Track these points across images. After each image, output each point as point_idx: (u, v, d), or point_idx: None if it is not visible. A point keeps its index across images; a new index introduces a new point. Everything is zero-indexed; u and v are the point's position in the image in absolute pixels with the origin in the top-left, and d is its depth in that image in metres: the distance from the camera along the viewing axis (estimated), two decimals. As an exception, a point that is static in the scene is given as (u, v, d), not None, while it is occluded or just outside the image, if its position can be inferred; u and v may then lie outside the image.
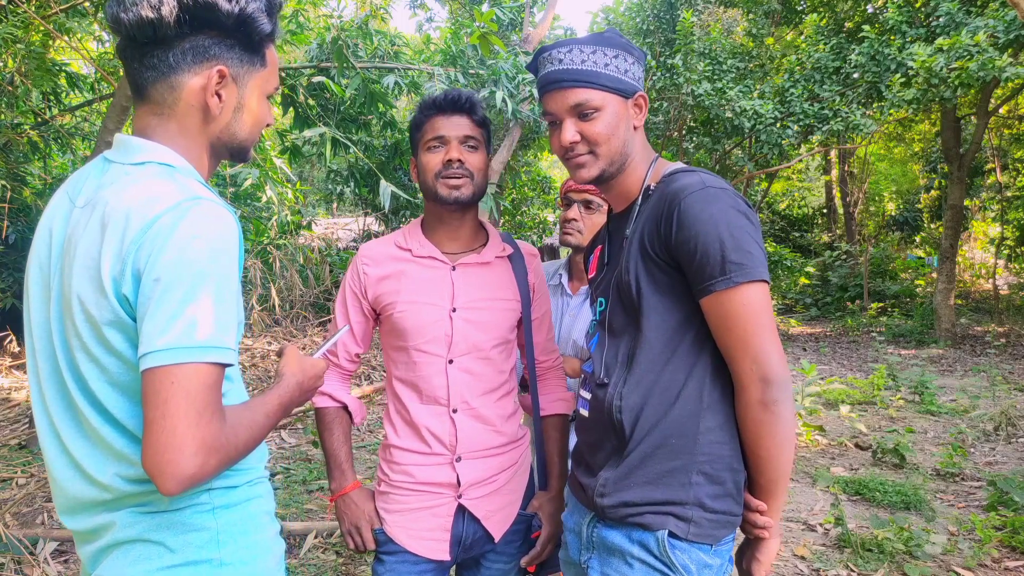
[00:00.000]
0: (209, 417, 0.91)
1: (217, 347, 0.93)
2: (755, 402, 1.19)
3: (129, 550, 1.01)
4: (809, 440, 5.46)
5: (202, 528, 1.02)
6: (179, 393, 0.89)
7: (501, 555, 1.65)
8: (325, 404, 1.67)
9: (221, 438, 0.93)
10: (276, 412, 1.08)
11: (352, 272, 1.66)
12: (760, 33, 11.02)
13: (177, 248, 0.91)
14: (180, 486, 0.90)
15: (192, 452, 0.89)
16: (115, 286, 0.93)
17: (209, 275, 0.93)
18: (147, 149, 1.03)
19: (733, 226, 1.19)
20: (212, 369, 0.92)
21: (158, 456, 0.89)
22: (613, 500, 1.29)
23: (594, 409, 1.36)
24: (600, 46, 1.32)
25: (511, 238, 1.76)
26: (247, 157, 1.18)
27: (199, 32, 1.03)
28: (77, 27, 6.11)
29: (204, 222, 0.94)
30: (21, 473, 4.10)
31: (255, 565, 1.07)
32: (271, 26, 1.08)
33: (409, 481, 1.59)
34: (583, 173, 1.35)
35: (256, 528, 1.09)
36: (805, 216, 19.56)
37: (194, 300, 0.91)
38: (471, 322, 1.59)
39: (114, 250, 0.93)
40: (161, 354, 0.89)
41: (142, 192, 0.96)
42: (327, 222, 13.93)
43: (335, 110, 7.47)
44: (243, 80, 1.09)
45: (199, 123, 1.07)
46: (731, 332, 1.20)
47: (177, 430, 0.89)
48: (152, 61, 1.02)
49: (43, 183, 7.16)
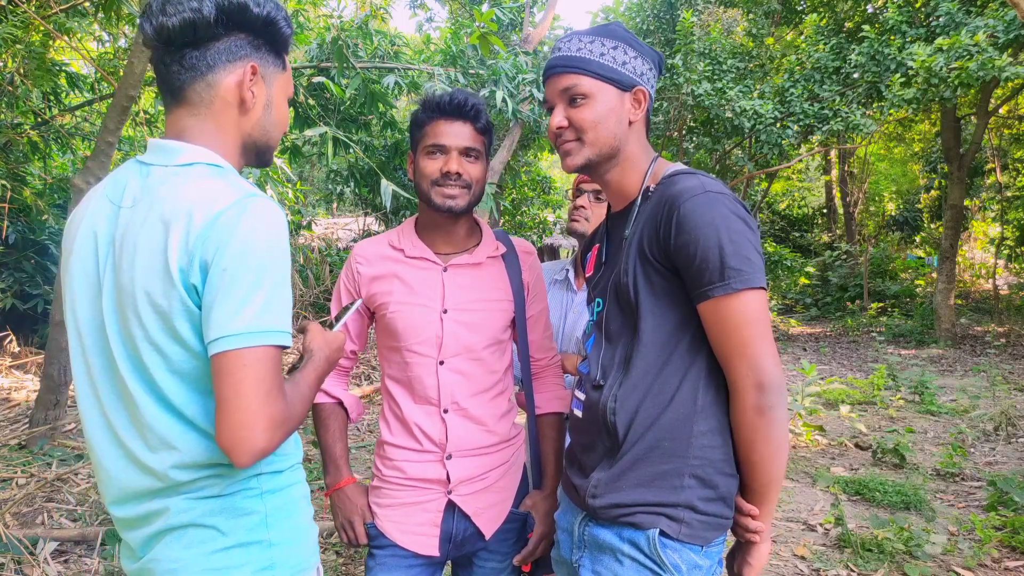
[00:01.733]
0: (277, 395, 1.00)
1: (280, 331, 1.01)
2: (750, 407, 1.19)
3: (182, 535, 1.07)
4: (809, 440, 5.46)
5: (252, 512, 1.10)
6: (251, 374, 0.97)
7: (494, 554, 1.65)
8: (321, 400, 1.68)
9: (285, 413, 1.01)
10: (315, 385, 1.17)
11: (347, 270, 1.67)
12: (760, 33, 11.02)
13: (241, 240, 0.99)
14: (253, 459, 0.98)
15: (263, 428, 0.97)
16: (183, 276, 1.00)
17: (269, 265, 1.01)
18: (191, 151, 1.10)
19: (733, 232, 1.19)
20: (276, 352, 1.01)
21: (233, 432, 0.97)
22: (605, 501, 1.29)
23: (588, 410, 1.36)
24: (600, 36, 1.33)
25: (506, 236, 1.75)
26: (270, 160, 1.25)
27: (232, 33, 1.12)
28: (77, 27, 6.11)
29: (263, 217, 1.02)
30: (21, 473, 4.10)
31: (298, 545, 1.15)
32: (290, 31, 1.18)
33: (400, 476, 1.60)
34: (569, 160, 1.35)
35: (298, 511, 1.17)
36: (805, 216, 19.56)
37: (259, 288, 0.99)
38: (462, 323, 1.59)
39: (181, 243, 1.00)
40: (234, 338, 0.97)
41: (200, 189, 1.04)
42: (327, 222, 13.93)
43: (335, 110, 7.48)
44: (270, 79, 1.18)
45: (235, 119, 1.14)
46: (728, 338, 1.20)
47: (251, 408, 0.97)
48: (191, 62, 1.10)
49: (43, 183, 7.16)
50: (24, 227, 6.95)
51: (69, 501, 3.79)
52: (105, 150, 4.31)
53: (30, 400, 5.48)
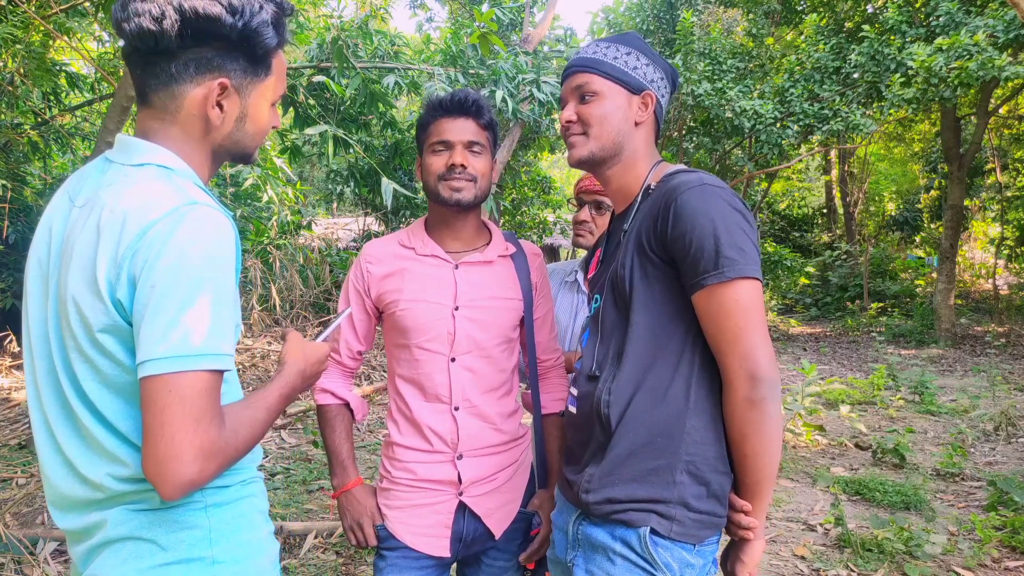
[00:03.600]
0: (207, 424, 0.92)
1: (213, 354, 0.93)
2: (743, 399, 1.19)
3: (120, 548, 1.01)
4: (809, 440, 5.46)
5: (194, 526, 1.02)
6: (176, 401, 0.90)
7: (502, 553, 1.66)
8: (327, 401, 1.68)
9: (219, 442, 0.93)
10: (277, 404, 1.08)
11: (356, 270, 1.67)
12: (760, 33, 11.02)
13: (173, 254, 0.91)
14: (181, 491, 0.91)
15: (191, 459, 0.90)
16: (111, 290, 0.94)
17: (206, 281, 0.93)
18: (147, 151, 1.03)
19: (728, 222, 1.20)
20: (209, 376, 0.93)
21: (158, 464, 0.90)
22: (598, 496, 1.29)
23: (582, 404, 1.37)
24: (615, 43, 1.41)
25: (514, 237, 1.76)
26: (251, 160, 1.19)
27: (202, 44, 1.03)
28: (77, 27, 6.11)
29: (201, 228, 0.94)
30: (21, 473, 4.10)
31: (247, 563, 1.07)
32: (277, 38, 1.09)
33: (411, 478, 1.60)
34: (574, 152, 1.40)
35: (248, 527, 1.09)
36: (805, 216, 19.56)
37: (191, 307, 0.91)
38: (473, 320, 1.59)
39: (110, 254, 0.93)
40: (158, 363, 0.90)
41: (139, 195, 0.96)
42: (327, 222, 13.92)
43: (335, 110, 7.48)
44: (246, 91, 1.09)
45: (200, 131, 1.07)
46: (721, 328, 1.20)
47: (175, 438, 0.89)
48: (154, 69, 1.03)
49: (43, 183, 7.16)
50: (24, 227, 6.95)
51: (69, 501, 3.78)
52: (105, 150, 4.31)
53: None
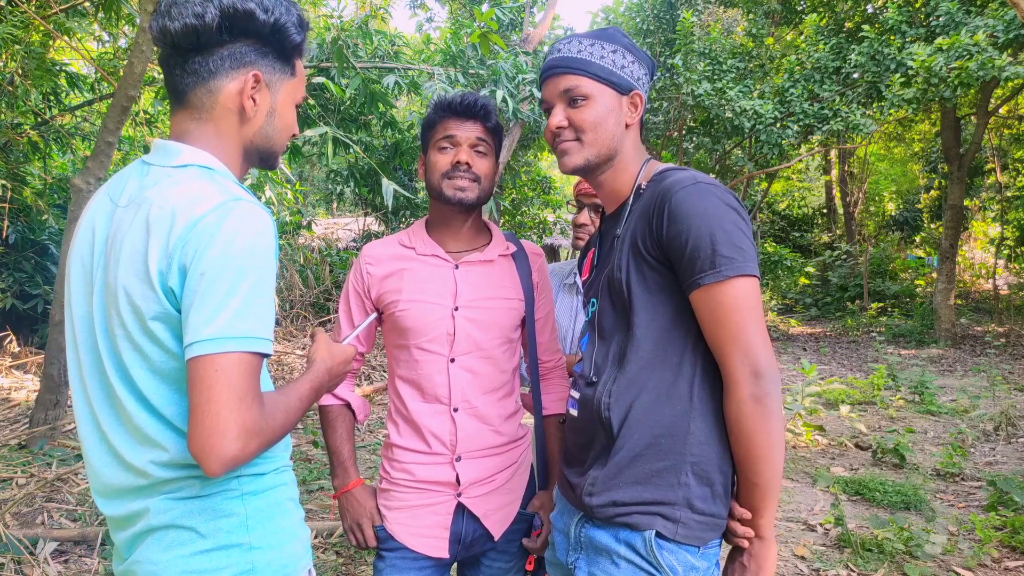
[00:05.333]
0: (250, 403, 0.97)
1: (257, 337, 0.99)
2: (746, 397, 1.17)
3: (163, 536, 1.07)
4: (809, 440, 5.46)
5: (232, 514, 1.08)
6: (223, 380, 0.95)
7: (502, 554, 1.66)
8: (328, 402, 1.68)
9: (261, 422, 0.99)
10: (308, 396, 1.15)
11: (355, 272, 1.67)
12: (760, 33, 11.02)
13: (221, 245, 0.98)
14: (224, 467, 0.96)
15: (234, 436, 0.95)
16: (162, 280, 1.00)
17: (249, 270, 0.99)
18: (187, 152, 1.10)
19: (724, 221, 1.19)
20: (253, 358, 0.99)
21: (203, 439, 0.95)
22: (602, 499, 1.27)
23: (583, 408, 1.35)
24: (599, 40, 1.34)
25: (515, 237, 1.75)
26: (276, 164, 1.24)
27: (237, 39, 1.11)
28: (77, 27, 6.10)
29: (245, 221, 1.01)
30: (21, 473, 4.10)
31: (282, 549, 1.13)
32: (301, 37, 1.17)
33: (409, 479, 1.60)
34: (567, 160, 1.35)
35: (283, 514, 1.15)
36: (805, 216, 19.56)
37: (237, 294, 0.98)
38: (473, 321, 1.59)
39: (161, 246, 1.00)
40: (207, 343, 0.95)
41: (186, 192, 1.03)
42: (327, 222, 13.91)
43: (335, 110, 7.48)
44: (276, 86, 1.17)
45: (235, 126, 1.14)
46: (721, 326, 1.19)
47: (221, 415, 0.95)
48: (194, 67, 1.10)
49: (43, 183, 7.16)
50: (24, 227, 6.95)
51: (69, 501, 3.79)
52: (105, 150, 4.32)
53: (30, 400, 5.48)
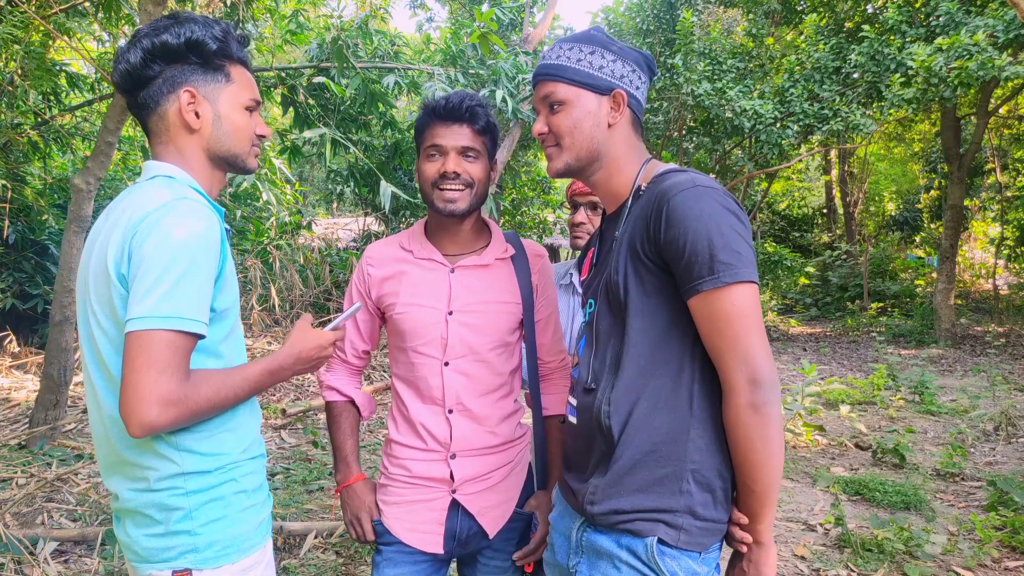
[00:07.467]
0: (169, 376, 1.10)
1: (180, 317, 1.12)
2: (745, 404, 1.16)
3: (134, 517, 1.26)
4: (809, 440, 5.46)
5: (178, 508, 1.23)
6: (143, 354, 1.09)
7: (499, 552, 1.66)
8: (333, 398, 1.71)
9: (178, 393, 1.11)
10: (258, 377, 1.26)
11: (358, 272, 1.70)
12: (760, 33, 11.02)
13: (159, 236, 1.13)
14: (143, 431, 1.11)
15: (150, 403, 1.09)
16: (116, 267, 1.16)
17: (181, 259, 1.13)
18: (155, 167, 1.29)
19: (723, 225, 1.17)
20: (174, 336, 1.11)
21: (125, 404, 1.10)
22: (603, 508, 1.27)
23: (582, 415, 1.34)
24: (578, 43, 1.36)
25: (517, 237, 1.74)
26: (246, 165, 1.37)
27: (168, 67, 1.27)
28: (77, 27, 6.11)
29: (185, 215, 1.16)
30: (21, 473, 4.10)
31: (225, 532, 1.26)
32: (219, 44, 1.29)
33: (406, 475, 1.62)
34: (550, 165, 1.39)
35: (227, 504, 1.27)
36: (805, 216, 19.55)
37: (166, 278, 1.11)
38: (467, 325, 1.59)
39: (118, 239, 1.17)
40: (134, 321, 1.10)
41: (145, 196, 1.20)
42: (327, 222, 13.90)
43: (335, 110, 7.48)
44: (214, 96, 1.31)
45: (190, 140, 1.30)
46: (719, 333, 1.18)
47: (140, 384, 1.09)
48: (142, 101, 1.29)
49: (43, 183, 7.16)
50: (24, 227, 6.95)
51: (69, 501, 3.79)
52: (105, 150, 4.32)
53: (30, 400, 5.49)
